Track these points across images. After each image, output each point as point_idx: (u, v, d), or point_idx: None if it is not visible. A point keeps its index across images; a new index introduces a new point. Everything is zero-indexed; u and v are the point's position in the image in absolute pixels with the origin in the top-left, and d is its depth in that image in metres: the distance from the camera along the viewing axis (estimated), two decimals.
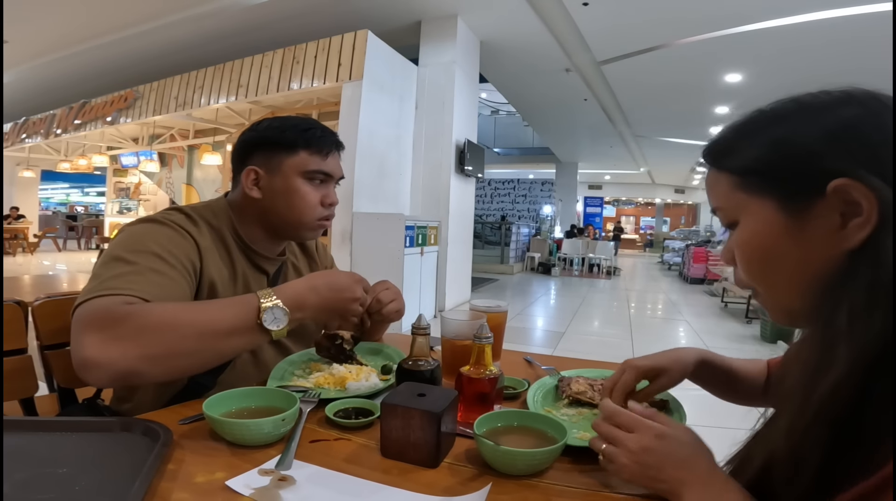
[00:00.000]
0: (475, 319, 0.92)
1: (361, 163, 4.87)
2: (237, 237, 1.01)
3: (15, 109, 9.72)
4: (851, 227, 0.44)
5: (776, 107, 0.51)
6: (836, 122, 0.46)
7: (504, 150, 16.09)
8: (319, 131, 1.00)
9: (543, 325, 5.84)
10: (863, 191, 0.43)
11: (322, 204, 1.01)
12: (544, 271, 11.23)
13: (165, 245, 0.86)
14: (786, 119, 0.50)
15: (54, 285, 2.84)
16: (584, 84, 7.88)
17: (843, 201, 0.44)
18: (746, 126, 0.53)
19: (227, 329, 0.76)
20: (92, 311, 0.72)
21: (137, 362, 0.69)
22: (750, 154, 0.51)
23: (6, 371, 1.00)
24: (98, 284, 0.76)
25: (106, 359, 0.68)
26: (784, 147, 0.48)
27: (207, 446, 0.65)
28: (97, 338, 0.69)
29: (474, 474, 0.62)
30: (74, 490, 0.52)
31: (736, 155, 0.52)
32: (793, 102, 0.50)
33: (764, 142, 0.50)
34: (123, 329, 0.70)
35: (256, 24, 6.07)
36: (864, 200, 0.43)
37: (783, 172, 0.48)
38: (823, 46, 5.62)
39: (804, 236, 0.47)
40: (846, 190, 0.43)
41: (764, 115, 0.52)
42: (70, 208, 19.48)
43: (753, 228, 0.51)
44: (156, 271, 0.81)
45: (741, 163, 0.52)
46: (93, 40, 6.83)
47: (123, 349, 0.68)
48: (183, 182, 9.27)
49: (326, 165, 1.01)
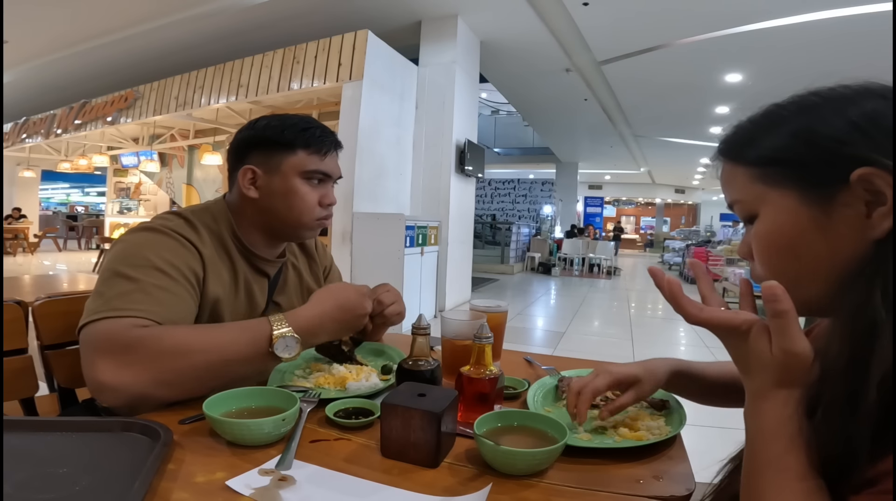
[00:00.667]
0: (475, 319, 0.92)
1: (361, 163, 4.87)
2: (237, 241, 0.99)
3: (15, 109, 9.72)
4: (876, 216, 0.44)
5: (796, 100, 0.51)
6: (860, 113, 0.46)
7: (504, 150, 16.09)
8: (318, 131, 0.99)
9: (544, 325, 5.85)
10: (887, 179, 0.43)
11: (321, 204, 1.00)
12: (544, 271, 11.22)
13: (166, 257, 0.85)
14: (809, 111, 0.49)
15: (55, 285, 2.84)
16: (584, 84, 7.88)
17: (866, 190, 0.44)
18: (765, 119, 0.52)
19: (238, 358, 0.77)
20: (103, 335, 0.74)
21: (150, 387, 0.72)
22: (770, 145, 0.50)
23: (7, 371, 1.00)
24: (103, 303, 0.76)
25: (120, 384, 0.71)
26: (809, 136, 0.48)
27: (208, 446, 0.65)
28: (110, 364, 0.71)
29: (474, 474, 0.62)
30: (75, 490, 0.52)
31: (755, 147, 0.51)
32: (814, 95, 0.50)
33: (786, 133, 0.50)
34: (136, 356, 0.72)
35: (256, 24, 6.07)
36: (887, 189, 0.43)
37: (806, 161, 0.48)
38: (824, 46, 5.62)
39: (828, 226, 0.46)
40: (870, 179, 0.43)
41: (783, 108, 0.51)
42: (70, 208, 19.50)
43: (775, 219, 0.50)
44: (160, 288, 0.81)
45: (761, 154, 0.51)
46: (93, 40, 6.84)
47: (136, 375, 0.71)
48: (183, 182, 9.27)
49: (325, 165, 1.00)
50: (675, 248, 13.06)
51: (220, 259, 0.96)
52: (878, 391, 0.41)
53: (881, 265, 0.43)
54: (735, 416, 0.54)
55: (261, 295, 1.02)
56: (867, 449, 0.40)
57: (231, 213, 1.00)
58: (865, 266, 0.44)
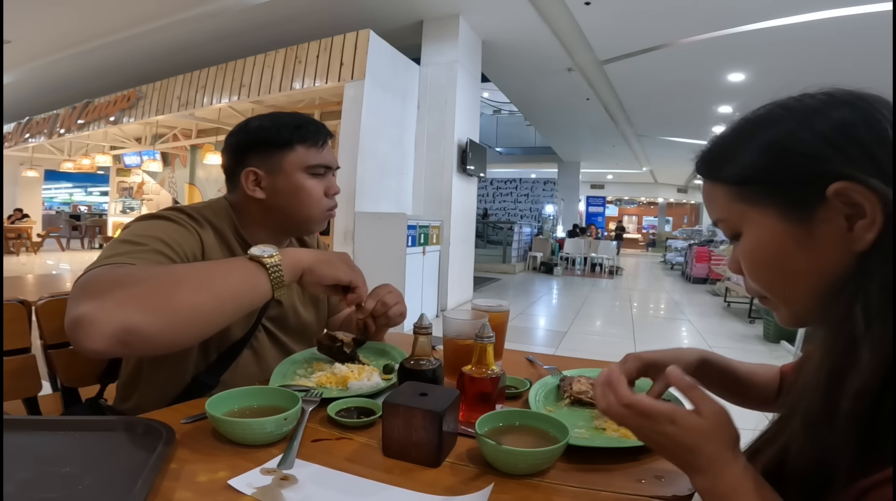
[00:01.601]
0: (477, 318, 0.92)
1: (363, 162, 4.87)
2: (239, 238, 1.00)
3: (18, 109, 9.75)
4: (858, 229, 0.44)
5: (763, 112, 0.51)
6: (828, 124, 0.46)
7: (506, 149, 16.07)
8: (311, 125, 1.01)
9: (545, 324, 5.84)
10: (864, 193, 0.43)
11: (326, 195, 1.03)
12: (546, 270, 11.21)
13: (172, 235, 0.86)
14: (776, 124, 0.49)
15: (58, 285, 2.86)
16: (586, 83, 7.87)
17: (845, 203, 0.44)
18: (735, 134, 0.53)
19: (222, 269, 0.76)
20: (89, 276, 0.69)
21: (135, 313, 0.63)
22: (744, 162, 0.50)
23: (10, 371, 1.00)
24: (100, 260, 0.76)
25: (101, 312, 0.62)
26: (778, 152, 0.48)
27: (210, 445, 0.65)
28: (93, 296, 0.64)
29: (476, 473, 0.62)
30: (77, 489, 0.52)
31: (730, 165, 0.52)
32: (779, 106, 0.50)
33: (756, 149, 0.50)
34: (121, 283, 0.66)
35: (258, 24, 6.07)
36: (866, 202, 0.43)
37: (781, 179, 0.48)
38: (825, 45, 5.60)
39: (811, 242, 0.47)
40: (847, 193, 0.43)
41: (751, 121, 0.52)
42: (73, 208, 19.52)
43: (758, 238, 0.50)
44: (160, 253, 0.81)
45: (736, 172, 0.51)
46: (95, 40, 6.85)
47: (119, 300, 0.64)
48: (186, 182, 9.29)
49: (323, 157, 1.01)
50: (678, 247, 13.02)
51: (222, 253, 0.97)
52: (855, 402, 0.41)
53: (863, 279, 0.43)
54: (739, 416, 0.54)
55: None
56: (847, 465, 0.41)
57: (234, 212, 1.01)
58: (848, 280, 0.45)
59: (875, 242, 0.43)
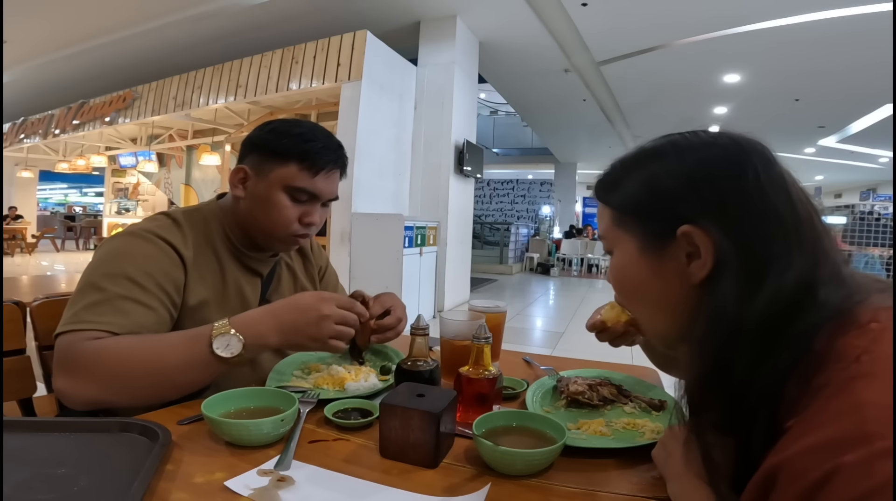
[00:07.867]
0: (474, 319, 0.92)
1: (360, 163, 4.87)
2: (227, 241, 0.99)
3: (13, 110, 9.70)
4: (693, 267, 0.50)
5: (657, 145, 0.56)
6: (696, 164, 0.51)
7: (503, 150, 16.08)
8: (320, 145, 0.94)
9: (542, 325, 5.85)
10: (702, 238, 0.49)
11: (300, 221, 0.96)
12: (543, 271, 11.23)
13: (142, 266, 0.85)
14: (659, 159, 0.54)
15: (53, 286, 2.84)
16: (582, 84, 7.88)
17: (689, 243, 0.50)
18: (627, 163, 0.58)
19: (177, 365, 0.78)
20: (60, 348, 0.78)
21: (99, 393, 0.76)
22: (626, 191, 0.56)
23: (5, 372, 1.00)
24: (71, 315, 0.80)
25: (71, 391, 0.76)
26: (651, 188, 0.54)
27: (206, 446, 0.65)
28: (64, 374, 0.76)
29: (473, 474, 0.62)
30: (73, 490, 0.52)
31: (616, 191, 0.58)
32: (670, 142, 0.55)
33: (637, 180, 0.55)
34: (81, 367, 0.76)
35: (255, 25, 6.07)
36: (702, 245, 0.49)
37: (648, 212, 0.54)
38: (822, 46, 5.63)
39: (660, 271, 0.54)
40: (690, 236, 0.50)
41: (644, 152, 0.57)
42: (68, 209, 19.43)
43: (622, 261, 0.57)
44: (127, 299, 0.82)
45: (619, 200, 0.57)
46: (91, 40, 6.82)
47: (84, 384, 0.76)
48: (181, 182, 9.25)
49: (314, 184, 0.94)
50: None
51: (206, 261, 0.95)
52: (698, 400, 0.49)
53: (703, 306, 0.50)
54: None
55: (253, 295, 1.02)
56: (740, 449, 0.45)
57: (223, 212, 1.01)
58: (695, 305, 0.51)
59: (705, 279, 0.50)
